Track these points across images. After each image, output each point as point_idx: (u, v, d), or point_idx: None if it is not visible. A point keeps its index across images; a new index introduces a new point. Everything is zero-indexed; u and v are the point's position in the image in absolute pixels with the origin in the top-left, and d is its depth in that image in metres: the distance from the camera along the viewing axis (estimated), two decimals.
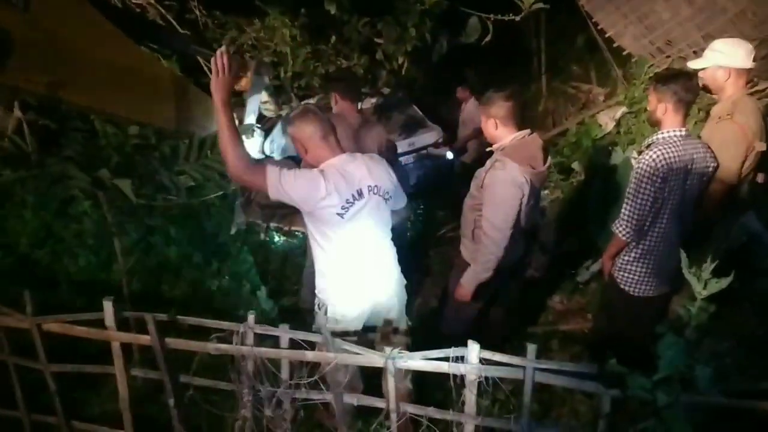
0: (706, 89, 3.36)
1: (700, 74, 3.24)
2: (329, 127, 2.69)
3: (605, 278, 3.32)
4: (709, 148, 2.93)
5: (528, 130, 3.11)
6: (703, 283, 1.58)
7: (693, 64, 3.30)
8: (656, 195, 2.86)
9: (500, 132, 3.09)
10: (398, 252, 3.02)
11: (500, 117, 3.05)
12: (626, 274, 3.15)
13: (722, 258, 1.80)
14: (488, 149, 3.20)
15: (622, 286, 3.18)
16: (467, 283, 3.23)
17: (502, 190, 2.98)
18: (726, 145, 3.05)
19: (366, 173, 2.69)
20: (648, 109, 3.06)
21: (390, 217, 2.91)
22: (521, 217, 3.08)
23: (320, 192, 2.53)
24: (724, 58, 3.14)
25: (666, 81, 2.89)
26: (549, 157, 3.16)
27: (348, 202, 2.60)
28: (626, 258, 3.13)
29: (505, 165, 2.98)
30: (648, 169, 2.82)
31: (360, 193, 2.65)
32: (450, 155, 6.53)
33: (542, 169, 3.06)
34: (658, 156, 2.81)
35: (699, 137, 3.06)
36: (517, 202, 3.00)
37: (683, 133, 2.88)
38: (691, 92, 2.86)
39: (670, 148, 2.83)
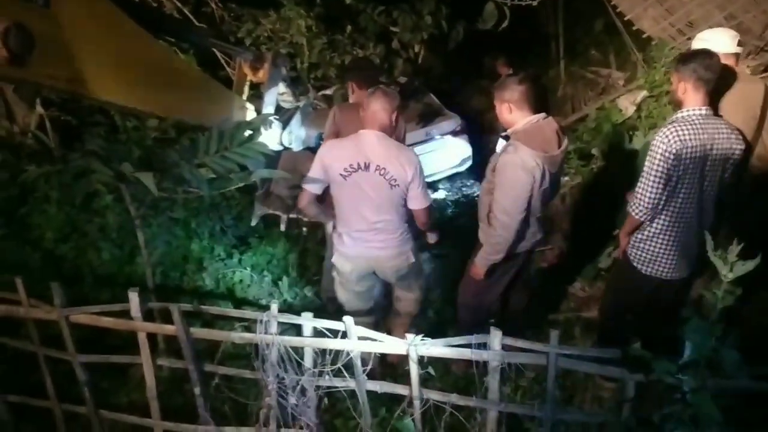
0: None
1: None
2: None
3: (620, 255, 3.30)
4: (736, 129, 2.88)
5: (543, 114, 3.09)
6: (729, 265, 1.57)
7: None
8: (669, 174, 2.84)
9: (514, 116, 3.07)
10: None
11: (514, 101, 3.03)
12: (639, 252, 3.15)
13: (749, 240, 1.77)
14: (503, 134, 3.19)
15: (634, 264, 3.18)
16: (480, 263, 3.29)
17: (513, 174, 2.98)
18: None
19: (381, 153, 2.98)
20: (670, 90, 3.04)
21: (399, 200, 3.09)
22: (534, 201, 3.07)
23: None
24: (708, 45, 3.20)
25: (685, 60, 2.89)
26: (565, 141, 3.12)
27: (351, 167, 2.98)
28: (640, 236, 3.13)
29: (517, 149, 2.97)
30: (662, 146, 2.81)
31: (366, 166, 2.98)
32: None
33: (556, 152, 3.03)
34: (672, 134, 2.79)
35: (720, 116, 3.00)
36: (528, 187, 2.99)
37: (704, 112, 2.84)
38: (710, 70, 2.82)
39: (686, 126, 2.80)
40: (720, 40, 3.25)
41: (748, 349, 1.70)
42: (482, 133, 7.44)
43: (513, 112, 3.07)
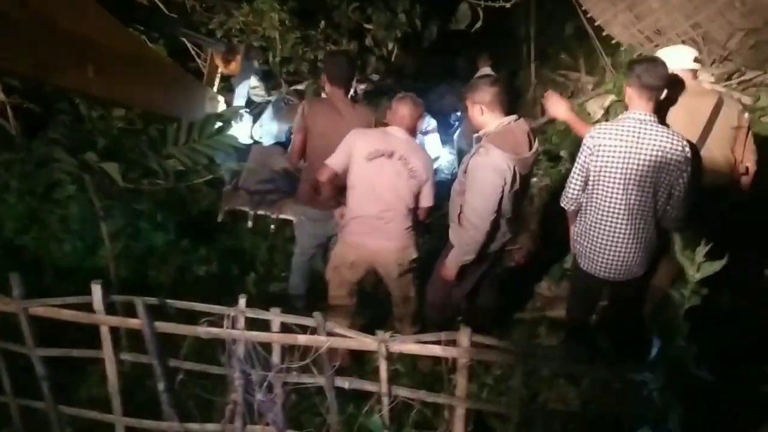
0: None
1: None
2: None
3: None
4: (685, 141, 2.89)
5: (514, 116, 3.12)
6: (696, 266, 1.59)
7: None
8: (586, 167, 2.95)
9: (486, 118, 3.10)
10: None
11: (486, 103, 3.06)
12: (575, 245, 3.29)
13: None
14: (475, 135, 3.20)
15: (576, 256, 3.31)
16: (450, 264, 3.30)
17: (484, 176, 3.00)
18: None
19: (405, 146, 3.30)
20: None
21: (412, 193, 3.33)
22: (505, 203, 3.08)
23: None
24: (670, 62, 3.22)
25: (632, 66, 2.97)
26: (536, 143, 3.16)
27: (377, 152, 3.25)
28: (574, 230, 3.25)
29: (488, 151, 2.98)
30: (585, 140, 2.95)
31: (390, 154, 3.26)
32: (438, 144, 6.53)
33: (527, 155, 3.06)
34: (595, 131, 2.92)
35: (665, 125, 3.00)
36: (499, 189, 3.00)
37: (642, 117, 2.88)
38: (653, 77, 2.87)
39: (613, 127, 2.89)
40: (677, 57, 3.37)
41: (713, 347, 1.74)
42: (453, 133, 7.50)
43: (485, 113, 3.09)
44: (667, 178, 2.89)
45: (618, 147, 2.86)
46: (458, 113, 7.75)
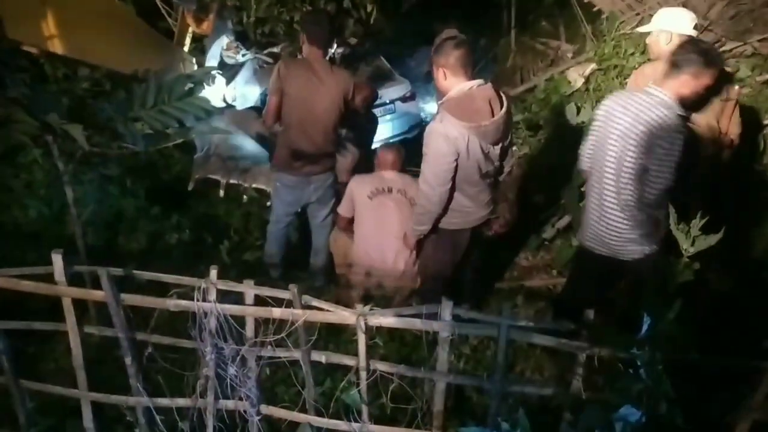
0: (651, 54, 3.51)
1: (647, 39, 3.49)
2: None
3: None
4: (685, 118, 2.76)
5: (479, 81, 2.93)
6: (691, 239, 1.53)
7: (641, 29, 3.52)
8: (594, 128, 2.88)
9: (449, 82, 2.93)
10: None
11: (449, 66, 2.89)
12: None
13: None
14: (439, 102, 3.07)
15: None
16: (409, 233, 3.39)
17: (436, 143, 2.89)
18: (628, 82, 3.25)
19: (399, 181, 3.74)
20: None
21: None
22: (466, 173, 2.98)
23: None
24: (668, 23, 3.28)
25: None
26: (502, 110, 2.95)
27: (377, 190, 3.68)
28: None
29: (442, 118, 2.87)
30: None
31: (389, 189, 3.69)
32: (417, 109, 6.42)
33: (486, 122, 2.88)
34: (608, 98, 2.84)
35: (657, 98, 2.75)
36: (451, 158, 2.88)
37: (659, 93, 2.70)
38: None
39: (623, 96, 2.78)
40: (680, 21, 3.27)
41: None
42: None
43: (448, 78, 2.92)
44: (659, 153, 2.70)
45: (623, 117, 2.71)
46: None
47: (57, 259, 2.30)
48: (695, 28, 3.35)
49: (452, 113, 2.85)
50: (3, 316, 2.58)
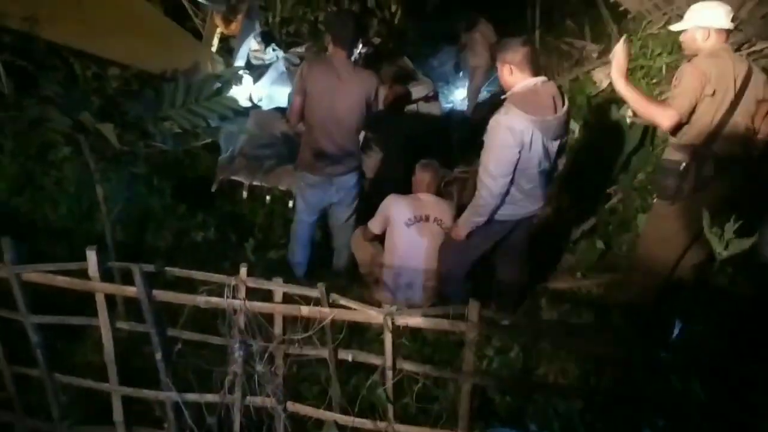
0: (687, 51, 3.37)
1: (681, 37, 3.32)
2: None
3: None
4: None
5: (543, 78, 3.05)
6: (725, 243, 1.52)
7: (675, 27, 3.34)
8: None
9: (514, 77, 3.04)
10: None
11: (515, 63, 3.00)
12: None
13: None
14: (503, 96, 3.13)
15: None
16: (461, 224, 3.34)
17: (500, 135, 2.96)
18: (680, 82, 3.07)
19: (436, 208, 3.75)
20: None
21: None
22: (523, 166, 3.03)
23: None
24: (703, 18, 3.16)
25: None
26: (564, 107, 3.07)
27: (415, 218, 3.70)
28: None
29: (508, 111, 2.95)
30: None
31: (426, 218, 3.71)
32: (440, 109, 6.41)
33: (550, 117, 2.99)
34: None
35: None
36: (515, 150, 2.95)
37: None
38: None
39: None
40: (716, 15, 3.15)
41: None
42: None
43: (513, 73, 3.03)
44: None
45: None
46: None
47: (91, 256, 2.34)
48: (732, 20, 3.20)
49: (518, 106, 2.93)
50: (36, 311, 2.64)
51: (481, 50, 7.02)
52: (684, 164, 3.12)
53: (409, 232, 3.66)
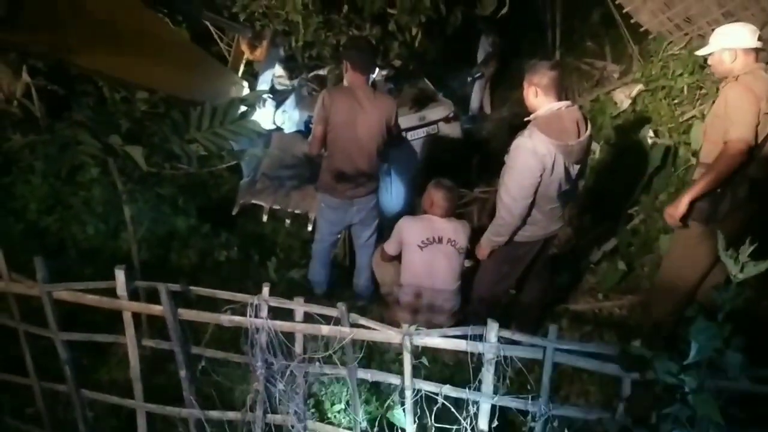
0: (716, 74, 3.37)
1: (708, 60, 3.32)
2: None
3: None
4: None
5: (567, 102, 3.07)
6: (740, 266, 1.53)
7: (701, 52, 3.34)
8: None
9: (539, 101, 3.05)
10: None
11: (542, 86, 3.01)
12: None
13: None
14: (526, 119, 3.16)
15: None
16: (484, 244, 3.37)
17: (522, 158, 2.98)
18: (735, 103, 3.02)
19: (450, 229, 3.69)
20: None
21: (461, 266, 3.75)
22: (544, 189, 3.05)
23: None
24: (729, 40, 3.15)
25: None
26: (587, 132, 3.09)
27: (427, 240, 3.67)
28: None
29: (531, 134, 2.97)
30: None
31: (440, 239, 3.67)
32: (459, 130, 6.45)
33: (572, 142, 3.01)
34: None
35: None
36: (537, 173, 2.98)
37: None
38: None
39: None
40: (741, 35, 3.14)
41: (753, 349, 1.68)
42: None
43: (539, 96, 3.04)
44: None
45: None
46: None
47: (120, 275, 2.41)
48: (759, 39, 3.18)
49: (542, 130, 2.96)
50: (63, 327, 2.71)
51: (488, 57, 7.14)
52: (720, 187, 3.10)
53: (423, 254, 3.66)
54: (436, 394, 2.36)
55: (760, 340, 2.05)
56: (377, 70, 6.10)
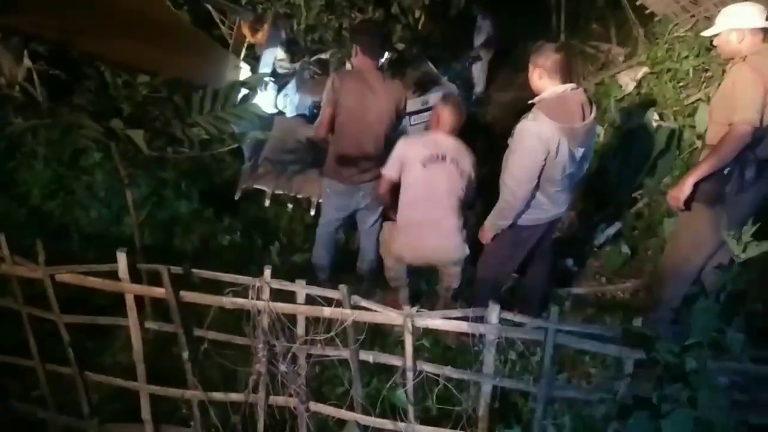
0: (723, 55, 3.33)
1: (714, 41, 3.27)
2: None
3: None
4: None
5: (572, 85, 3.04)
6: (743, 246, 1.52)
7: (707, 32, 3.28)
8: None
9: (543, 83, 3.04)
10: None
11: (547, 68, 2.99)
12: None
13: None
14: (530, 102, 3.14)
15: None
16: (487, 227, 3.35)
17: (527, 141, 2.97)
18: (742, 85, 2.97)
19: (453, 149, 3.50)
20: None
21: (463, 190, 3.52)
22: (548, 172, 3.04)
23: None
24: (736, 20, 3.09)
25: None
26: (592, 115, 3.07)
27: (430, 157, 3.44)
28: None
29: (536, 117, 2.95)
30: None
31: (443, 157, 3.45)
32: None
33: (577, 125, 2.99)
34: None
35: None
36: (541, 156, 2.96)
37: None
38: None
39: None
40: (748, 14, 3.07)
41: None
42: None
43: (543, 78, 3.02)
44: None
45: None
46: None
47: (122, 258, 2.42)
48: (767, 19, 3.09)
49: (546, 113, 2.94)
50: (66, 311, 2.72)
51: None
52: (728, 168, 3.07)
53: (426, 172, 3.44)
54: (438, 376, 2.36)
55: (763, 322, 2.05)
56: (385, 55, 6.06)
